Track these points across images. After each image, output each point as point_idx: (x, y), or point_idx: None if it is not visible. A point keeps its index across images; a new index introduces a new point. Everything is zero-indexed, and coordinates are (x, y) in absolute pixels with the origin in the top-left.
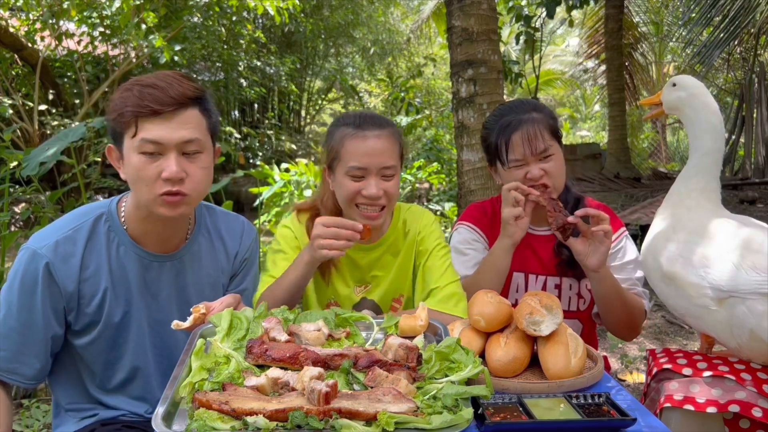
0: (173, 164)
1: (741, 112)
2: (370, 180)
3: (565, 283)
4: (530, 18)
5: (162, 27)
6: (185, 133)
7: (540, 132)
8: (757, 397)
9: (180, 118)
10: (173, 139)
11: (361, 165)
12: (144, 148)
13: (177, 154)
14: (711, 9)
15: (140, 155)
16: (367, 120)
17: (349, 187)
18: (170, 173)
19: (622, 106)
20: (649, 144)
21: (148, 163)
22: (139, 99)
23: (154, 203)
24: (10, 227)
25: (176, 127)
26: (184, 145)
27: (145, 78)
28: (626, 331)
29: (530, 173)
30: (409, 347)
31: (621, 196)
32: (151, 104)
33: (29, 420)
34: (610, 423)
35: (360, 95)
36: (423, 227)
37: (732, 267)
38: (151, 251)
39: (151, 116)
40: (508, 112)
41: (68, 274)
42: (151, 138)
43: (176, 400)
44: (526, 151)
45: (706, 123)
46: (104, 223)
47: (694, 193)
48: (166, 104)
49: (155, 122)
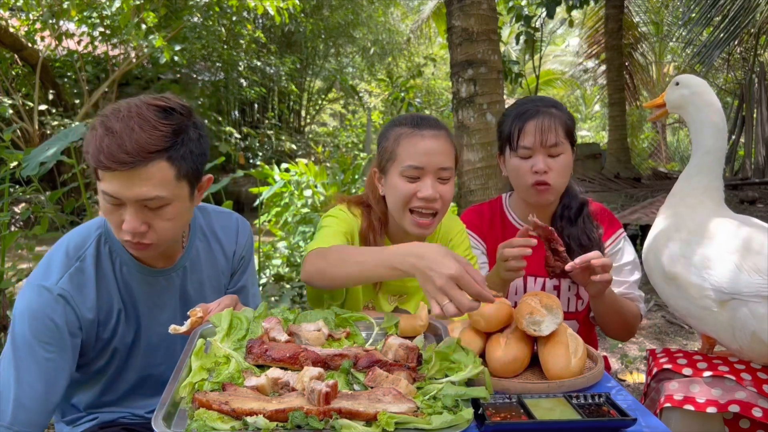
0: (131, 218)
1: (741, 112)
2: (426, 180)
3: (564, 284)
4: (530, 18)
5: (162, 27)
6: (144, 190)
7: (555, 126)
8: (757, 397)
9: (140, 174)
10: (130, 195)
11: (419, 164)
12: (105, 198)
13: (137, 208)
14: (711, 9)
15: (104, 199)
16: (424, 120)
17: (404, 189)
18: (127, 227)
19: (622, 106)
20: (649, 144)
21: (112, 210)
22: (97, 149)
23: (124, 244)
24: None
25: (134, 184)
26: (145, 201)
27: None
28: (621, 334)
29: (536, 165)
30: (409, 347)
31: (621, 196)
32: (105, 161)
33: None
34: (610, 423)
35: (360, 95)
36: (454, 235)
37: (733, 269)
38: (152, 266)
39: (108, 170)
40: (528, 102)
41: (86, 304)
42: (109, 192)
43: (176, 400)
44: (536, 140)
45: (709, 121)
46: (104, 245)
47: (696, 192)
48: (121, 162)
49: (115, 175)
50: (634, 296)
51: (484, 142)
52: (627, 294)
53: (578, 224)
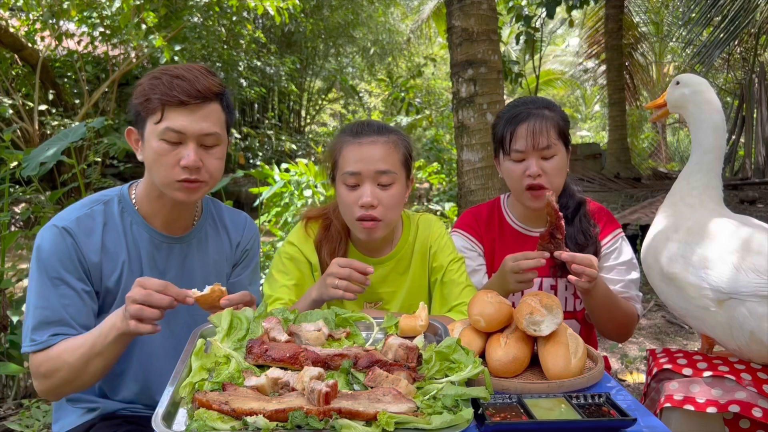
0: (192, 154)
1: (741, 112)
2: (365, 187)
3: (561, 284)
4: (530, 18)
5: (162, 27)
6: (206, 125)
7: (546, 129)
8: (757, 397)
9: (203, 111)
10: (195, 130)
11: (355, 170)
12: (166, 136)
13: (196, 144)
14: (711, 9)
15: (161, 141)
16: (366, 127)
17: (346, 198)
18: (188, 162)
19: (622, 106)
20: (649, 144)
21: (169, 150)
22: (168, 88)
23: (171, 187)
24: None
25: (199, 119)
26: (204, 138)
27: (174, 68)
28: (617, 335)
29: (529, 169)
30: (409, 347)
31: (621, 196)
32: (179, 95)
33: (29, 420)
34: (610, 423)
35: (360, 95)
36: (434, 240)
37: (732, 268)
38: (161, 232)
39: (178, 106)
40: (520, 105)
41: (91, 247)
42: (175, 127)
43: (176, 400)
44: (528, 143)
45: (709, 120)
46: (117, 205)
47: (695, 191)
48: (193, 96)
49: (180, 112)
50: (631, 295)
51: (484, 142)
52: (623, 293)
53: (575, 223)
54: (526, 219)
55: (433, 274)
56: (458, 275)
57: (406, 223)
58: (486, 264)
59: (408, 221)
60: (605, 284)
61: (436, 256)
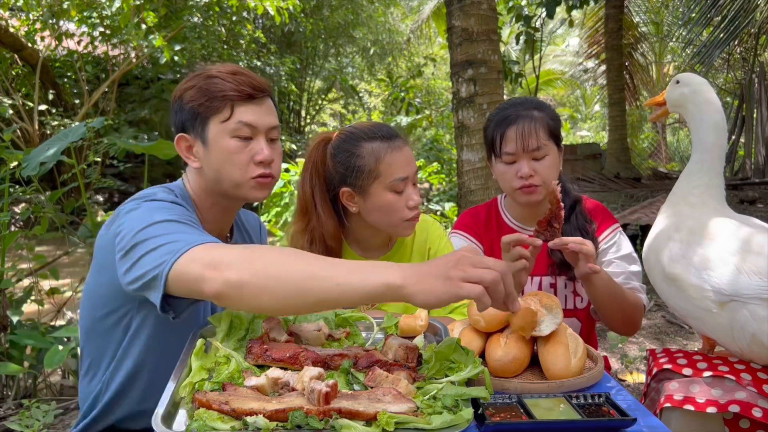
0: (266, 148)
1: (741, 112)
2: (409, 189)
3: (560, 282)
4: (530, 18)
5: (162, 27)
6: (272, 119)
7: (536, 130)
8: (757, 397)
9: (266, 105)
10: (265, 123)
11: (405, 174)
12: (239, 132)
13: (265, 138)
14: (711, 9)
15: (233, 138)
16: (390, 130)
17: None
18: (264, 156)
19: (622, 106)
20: (649, 144)
21: (242, 146)
22: (234, 84)
23: (245, 186)
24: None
25: (266, 113)
26: (271, 131)
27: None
28: (625, 327)
29: (520, 171)
30: (409, 347)
31: (621, 196)
32: (247, 89)
33: (29, 420)
34: (610, 423)
35: (360, 95)
36: (433, 241)
37: (733, 270)
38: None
39: (246, 101)
40: (509, 107)
41: None
42: (249, 121)
43: (176, 400)
44: (518, 146)
45: (709, 119)
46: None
47: (697, 191)
48: (258, 89)
49: (248, 106)
50: (634, 286)
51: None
52: (626, 284)
53: (571, 221)
54: (524, 218)
55: None
56: None
57: None
58: None
59: None
60: (607, 274)
61: (436, 255)
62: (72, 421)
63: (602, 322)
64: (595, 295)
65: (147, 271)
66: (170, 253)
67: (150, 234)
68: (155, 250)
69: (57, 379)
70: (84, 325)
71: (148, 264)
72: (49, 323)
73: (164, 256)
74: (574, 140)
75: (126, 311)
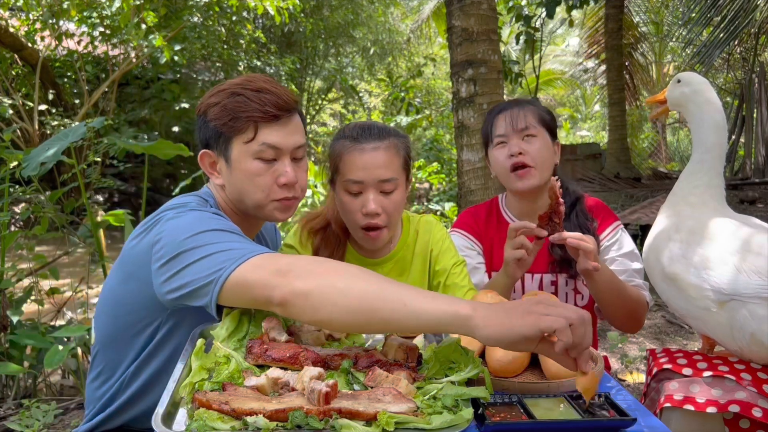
0: (290, 170)
1: (741, 112)
2: (368, 194)
3: (561, 280)
4: (530, 18)
5: (162, 27)
6: (298, 138)
7: (524, 114)
8: (757, 397)
9: (293, 123)
10: (290, 144)
11: (357, 178)
12: (262, 154)
13: (290, 159)
14: (711, 9)
15: (257, 160)
16: (366, 131)
17: (349, 205)
18: (288, 179)
19: (622, 106)
20: (649, 144)
21: (265, 168)
22: (259, 104)
23: (267, 207)
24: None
25: (291, 132)
26: (296, 151)
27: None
28: (628, 324)
29: (510, 149)
30: (409, 347)
31: (621, 196)
32: (272, 109)
33: (29, 420)
34: (610, 423)
35: (360, 95)
36: (435, 243)
37: (733, 269)
38: None
39: (271, 121)
40: (505, 102)
41: None
42: (272, 143)
43: (176, 400)
44: (507, 126)
45: (709, 119)
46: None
47: (697, 190)
48: (284, 109)
49: (273, 127)
50: (638, 284)
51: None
52: (629, 281)
53: (572, 219)
54: (524, 215)
55: (436, 278)
56: (461, 278)
57: (405, 224)
58: (485, 263)
59: (407, 222)
60: (609, 270)
61: (439, 259)
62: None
63: (605, 318)
64: (597, 291)
65: (194, 279)
66: (229, 260)
67: (198, 242)
68: (206, 258)
69: (57, 379)
70: (104, 331)
71: (197, 273)
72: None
73: (221, 264)
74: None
75: (154, 320)
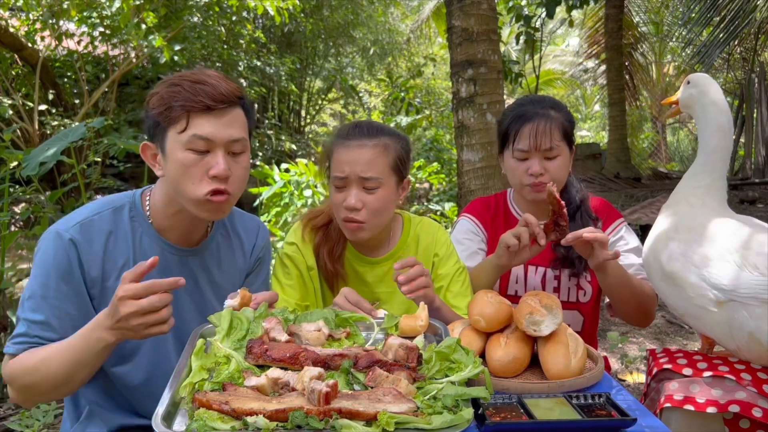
0: (222, 162)
1: (741, 112)
2: (350, 189)
3: (564, 275)
4: (530, 18)
5: (162, 27)
6: (233, 131)
7: (550, 130)
8: (757, 397)
9: (229, 116)
10: (223, 136)
11: (342, 174)
12: (193, 145)
13: (224, 152)
14: (711, 9)
15: (187, 151)
16: (356, 129)
17: (334, 199)
18: (218, 171)
19: (622, 106)
20: (649, 144)
21: (196, 160)
22: (191, 93)
23: (198, 204)
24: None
25: (226, 125)
26: (232, 144)
27: (191, 74)
28: (639, 317)
29: (531, 168)
30: (409, 347)
31: (621, 196)
32: (204, 99)
33: (29, 420)
34: (610, 423)
35: (360, 95)
36: (438, 246)
37: (733, 269)
38: (174, 244)
39: (203, 112)
40: (527, 103)
41: (92, 258)
42: (203, 134)
43: (176, 400)
44: (531, 144)
45: (714, 121)
46: (128, 212)
47: (699, 191)
48: (218, 101)
49: (206, 118)
50: (645, 277)
51: (484, 142)
52: (637, 275)
53: (577, 219)
54: (531, 212)
55: (438, 281)
56: (464, 287)
57: (406, 225)
58: (487, 252)
59: (408, 223)
60: (618, 264)
61: (443, 263)
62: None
63: (617, 314)
64: (608, 286)
65: None
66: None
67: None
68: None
69: None
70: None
71: None
72: None
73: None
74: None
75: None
